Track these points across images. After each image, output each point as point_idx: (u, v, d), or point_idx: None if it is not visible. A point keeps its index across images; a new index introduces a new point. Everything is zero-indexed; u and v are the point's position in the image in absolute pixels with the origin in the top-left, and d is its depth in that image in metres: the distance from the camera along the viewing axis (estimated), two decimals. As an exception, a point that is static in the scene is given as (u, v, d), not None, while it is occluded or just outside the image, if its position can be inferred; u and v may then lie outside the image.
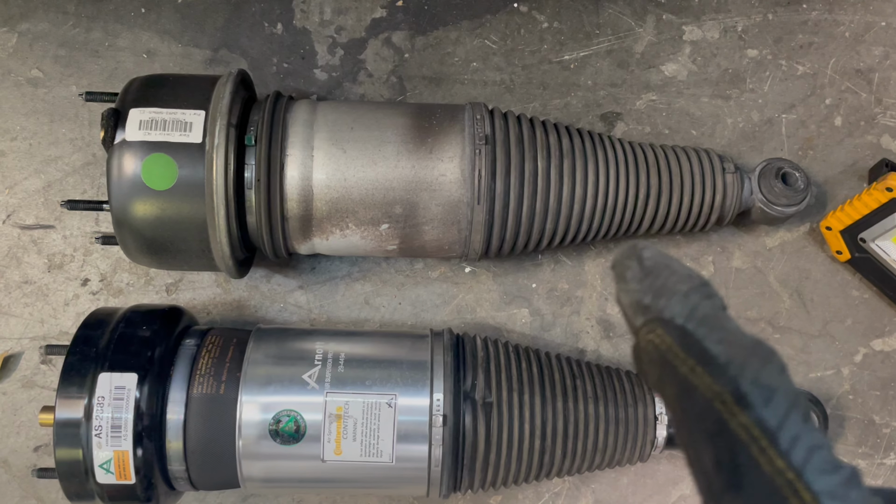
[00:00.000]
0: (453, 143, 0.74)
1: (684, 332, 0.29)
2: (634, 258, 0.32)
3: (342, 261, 0.88)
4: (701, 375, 0.28)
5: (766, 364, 0.27)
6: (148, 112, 0.69)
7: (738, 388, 0.27)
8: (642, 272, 0.32)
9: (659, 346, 0.30)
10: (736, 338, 0.28)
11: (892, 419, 0.87)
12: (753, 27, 0.93)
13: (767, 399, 0.26)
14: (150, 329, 0.70)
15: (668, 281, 0.31)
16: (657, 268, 0.31)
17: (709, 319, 0.29)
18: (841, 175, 0.90)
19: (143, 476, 0.66)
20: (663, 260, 0.32)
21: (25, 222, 0.87)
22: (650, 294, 0.31)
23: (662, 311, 0.30)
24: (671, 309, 0.30)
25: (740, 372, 0.27)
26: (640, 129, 0.91)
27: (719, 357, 0.28)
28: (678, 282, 0.30)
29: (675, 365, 0.29)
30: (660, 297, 0.30)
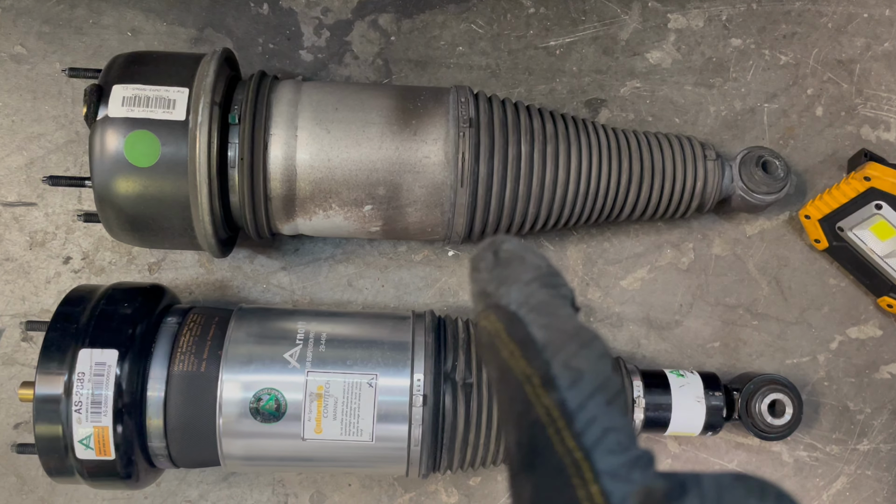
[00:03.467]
0: (438, 125, 0.74)
1: (513, 318, 0.29)
2: (491, 250, 0.33)
3: (326, 242, 0.88)
4: (517, 358, 0.28)
5: (582, 348, 0.27)
6: (131, 89, 0.69)
7: (547, 370, 0.27)
8: (495, 262, 0.32)
9: (489, 331, 0.30)
10: (561, 323, 0.28)
11: (865, 406, 0.88)
12: (738, 16, 0.94)
13: (574, 381, 0.26)
14: (132, 306, 0.70)
15: (514, 271, 0.31)
16: (510, 259, 0.32)
17: (541, 306, 0.29)
18: (821, 164, 0.91)
19: (123, 452, 0.67)
20: (520, 252, 0.32)
21: (7, 199, 0.87)
22: (495, 282, 0.31)
23: (500, 299, 0.30)
24: (508, 296, 0.30)
25: (553, 355, 0.27)
26: (624, 116, 0.91)
27: (538, 341, 0.28)
28: (523, 271, 0.31)
29: (499, 348, 0.29)
30: (502, 285, 0.31)
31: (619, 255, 0.89)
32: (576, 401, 0.26)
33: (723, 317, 0.89)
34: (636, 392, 0.78)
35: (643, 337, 0.88)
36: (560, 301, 0.30)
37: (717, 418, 0.79)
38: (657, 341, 0.88)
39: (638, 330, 0.88)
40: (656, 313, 0.89)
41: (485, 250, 0.33)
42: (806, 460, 0.87)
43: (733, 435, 0.87)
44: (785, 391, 0.80)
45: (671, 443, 0.87)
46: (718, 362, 0.88)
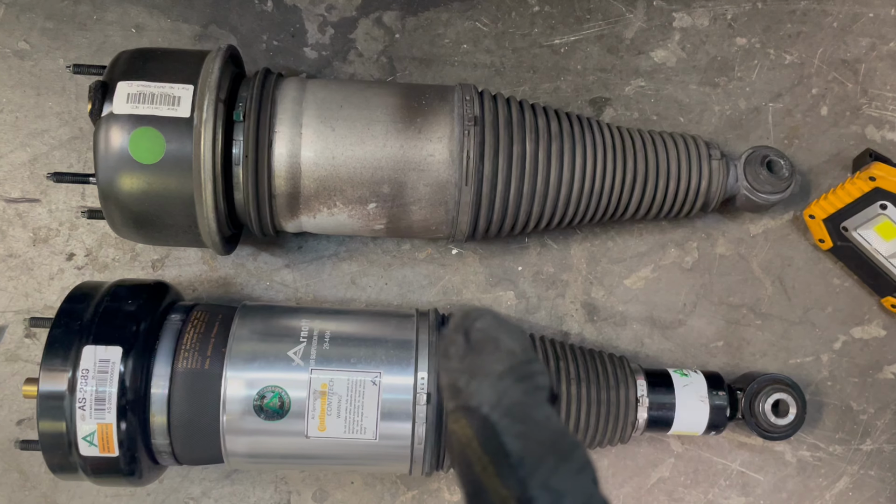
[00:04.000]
0: (442, 123, 0.74)
1: (486, 425, 0.26)
2: (462, 331, 0.29)
3: (329, 240, 0.88)
4: (491, 476, 0.25)
5: (562, 462, 0.24)
6: (136, 85, 0.69)
7: (525, 492, 0.24)
8: (466, 348, 0.29)
9: (460, 439, 0.27)
10: (538, 431, 0.25)
11: (869, 406, 0.88)
12: (743, 15, 0.93)
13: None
14: (136, 303, 0.70)
15: (486, 360, 0.28)
16: (482, 343, 0.28)
17: (515, 409, 0.26)
18: (825, 164, 0.91)
19: (127, 449, 0.67)
20: (494, 332, 0.29)
21: (11, 195, 0.87)
22: (466, 375, 0.28)
23: (471, 398, 0.27)
24: (480, 395, 0.27)
25: (531, 473, 0.24)
26: (629, 115, 0.91)
27: (513, 455, 0.25)
28: (497, 361, 0.28)
29: (471, 461, 0.26)
30: (473, 379, 0.28)
31: (622, 253, 0.89)
32: None
33: (726, 316, 0.89)
34: (640, 391, 0.78)
35: (647, 336, 0.88)
36: (536, 397, 0.27)
37: (720, 418, 0.79)
38: (661, 340, 0.88)
39: (641, 329, 0.88)
40: (660, 312, 0.89)
41: (455, 331, 0.30)
42: (809, 460, 0.87)
43: (736, 434, 0.87)
44: (788, 391, 0.80)
45: (674, 442, 0.87)
46: (722, 362, 0.88)
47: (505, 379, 0.27)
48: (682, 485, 0.86)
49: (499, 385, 0.27)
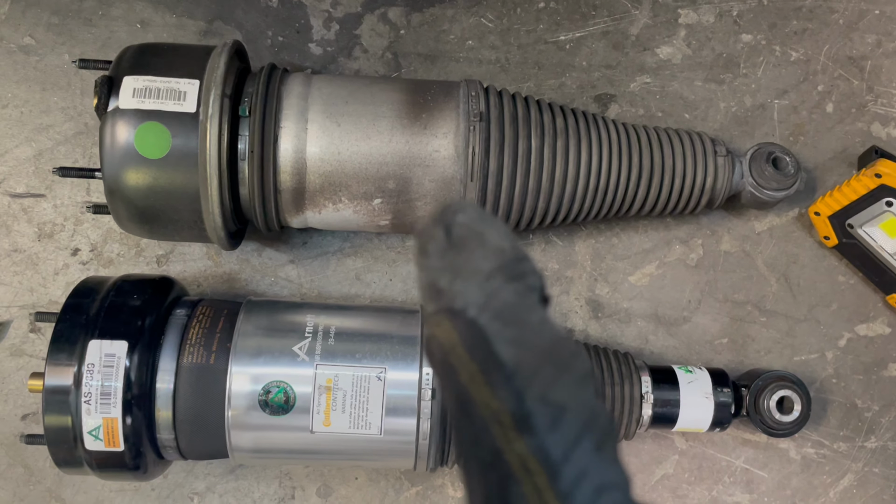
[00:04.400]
0: (448, 119, 0.74)
1: (473, 329, 0.23)
2: (442, 225, 0.25)
3: (334, 236, 0.88)
4: (480, 387, 0.22)
5: (562, 372, 0.21)
6: (142, 80, 0.69)
7: (521, 405, 0.21)
8: (447, 244, 0.25)
9: (443, 344, 0.23)
10: (533, 336, 0.22)
11: (873, 403, 0.88)
12: (748, 12, 0.93)
13: (555, 421, 0.20)
14: (141, 298, 0.70)
15: (471, 257, 0.24)
16: (466, 238, 0.24)
17: (506, 311, 0.23)
18: (831, 161, 0.91)
19: (132, 444, 0.67)
20: (478, 226, 0.25)
21: (16, 191, 0.87)
22: (448, 274, 0.24)
23: (455, 299, 0.23)
24: (466, 295, 0.23)
25: (527, 384, 0.21)
26: (634, 112, 0.91)
27: (506, 363, 0.22)
28: (483, 258, 0.24)
29: (456, 369, 0.22)
30: (457, 278, 0.24)
31: (627, 250, 0.89)
32: (559, 448, 0.20)
33: (731, 313, 0.89)
34: (644, 388, 0.78)
35: (651, 333, 0.88)
36: (530, 299, 0.23)
37: (725, 415, 0.79)
38: (665, 337, 0.88)
39: (646, 326, 0.88)
40: (665, 309, 0.88)
41: (434, 225, 0.25)
42: (813, 457, 0.87)
43: (741, 431, 0.87)
44: (793, 388, 0.80)
45: (678, 439, 0.87)
46: (727, 359, 0.88)
47: (494, 278, 0.23)
48: (686, 482, 0.86)
49: (487, 285, 0.23)
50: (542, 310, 0.24)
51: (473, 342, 0.22)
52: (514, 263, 0.24)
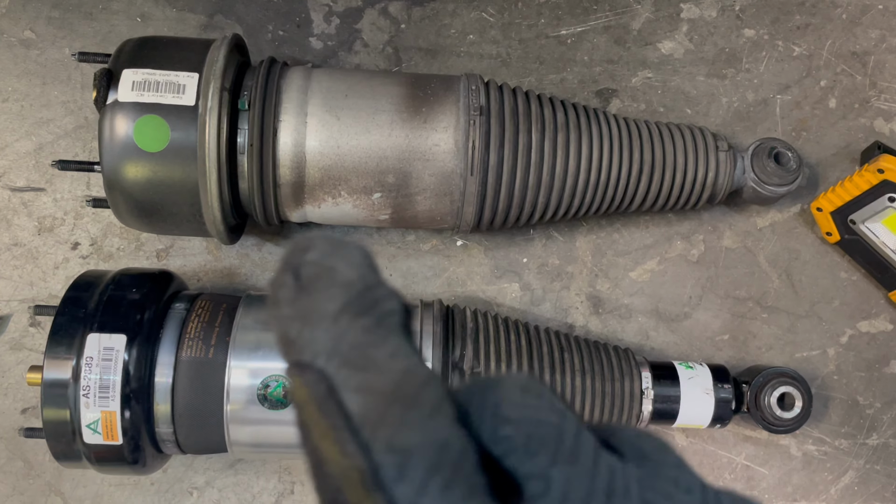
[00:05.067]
0: (448, 113, 0.74)
1: (322, 380, 0.21)
2: (291, 269, 0.23)
3: (334, 230, 0.88)
4: (330, 444, 0.20)
5: (409, 410, 0.19)
6: (141, 73, 0.69)
7: (369, 459, 0.19)
8: (297, 288, 0.22)
9: (297, 402, 0.21)
10: (380, 377, 0.20)
11: (875, 400, 0.88)
12: (751, 6, 0.93)
13: (401, 469, 0.19)
14: (140, 292, 0.70)
15: (320, 298, 0.22)
16: (315, 278, 0.22)
17: (354, 354, 0.21)
18: (833, 157, 0.91)
19: (131, 437, 0.67)
20: (328, 261, 0.23)
21: (16, 184, 0.87)
22: (298, 322, 0.22)
23: (303, 350, 0.21)
24: (314, 344, 0.21)
25: (373, 434, 0.19)
26: (636, 107, 0.91)
27: (354, 415, 0.20)
28: (330, 298, 0.22)
29: (309, 428, 0.21)
30: (305, 326, 0.22)
31: (628, 246, 0.89)
32: (405, 498, 0.19)
33: (732, 309, 0.88)
34: (645, 384, 0.78)
35: (652, 329, 0.88)
36: (381, 332, 0.21)
37: (725, 411, 0.79)
38: (666, 333, 0.88)
39: (647, 322, 0.88)
40: (665, 305, 0.88)
41: (283, 270, 0.23)
42: (814, 454, 0.87)
43: (742, 428, 0.87)
44: (794, 384, 0.80)
45: (679, 435, 0.87)
46: (728, 355, 0.88)
47: (341, 318, 0.21)
48: (687, 478, 0.86)
49: (334, 329, 0.21)
50: (396, 338, 0.21)
51: (322, 396, 0.20)
52: (362, 295, 0.22)
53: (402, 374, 0.20)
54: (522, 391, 0.21)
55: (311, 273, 0.22)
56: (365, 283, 0.22)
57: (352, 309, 0.22)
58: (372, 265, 0.23)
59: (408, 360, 0.21)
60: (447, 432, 0.19)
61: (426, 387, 0.20)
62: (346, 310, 0.22)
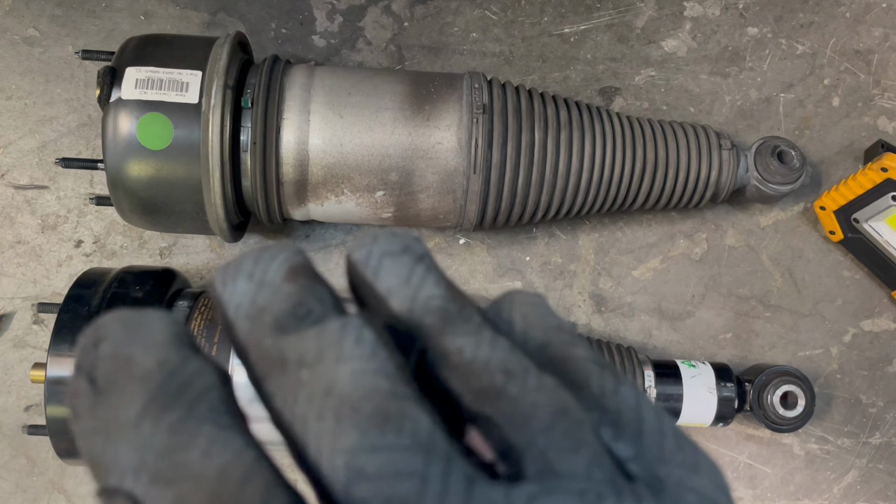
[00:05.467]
0: (451, 111, 0.74)
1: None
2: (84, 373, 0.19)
3: (337, 228, 0.88)
4: None
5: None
6: (144, 71, 0.69)
7: None
8: (93, 393, 0.19)
9: None
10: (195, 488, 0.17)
11: (878, 399, 0.87)
12: (755, 5, 0.93)
13: None
14: (143, 289, 0.70)
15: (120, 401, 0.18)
16: (112, 376, 0.19)
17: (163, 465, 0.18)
18: (837, 155, 0.90)
19: (134, 435, 0.67)
20: (124, 350, 0.19)
21: (19, 182, 0.87)
22: (99, 437, 0.18)
23: (109, 473, 0.18)
24: (120, 461, 0.18)
25: None
26: (639, 105, 0.91)
27: None
28: (130, 400, 0.18)
29: None
30: (108, 440, 0.18)
31: (631, 244, 0.89)
32: None
33: (735, 308, 0.88)
34: (647, 382, 0.78)
35: (655, 327, 0.88)
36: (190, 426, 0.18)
37: (728, 409, 0.79)
38: (669, 332, 0.88)
39: (650, 320, 0.88)
40: (668, 304, 0.88)
41: (77, 374, 0.19)
42: (817, 453, 0.87)
43: (744, 426, 0.87)
44: (797, 383, 0.80)
45: (681, 434, 0.86)
46: (730, 354, 0.88)
47: (143, 422, 0.18)
48: (689, 476, 0.86)
49: (137, 437, 0.18)
50: (209, 426, 0.18)
51: None
52: (166, 384, 0.18)
53: (217, 477, 0.17)
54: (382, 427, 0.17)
55: (106, 371, 0.19)
56: (167, 368, 0.19)
57: (154, 406, 0.18)
58: (177, 336, 0.20)
59: (224, 454, 0.17)
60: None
61: (247, 484, 0.17)
62: (148, 409, 0.18)
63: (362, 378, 0.18)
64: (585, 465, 0.18)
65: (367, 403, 0.18)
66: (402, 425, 0.17)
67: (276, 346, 0.19)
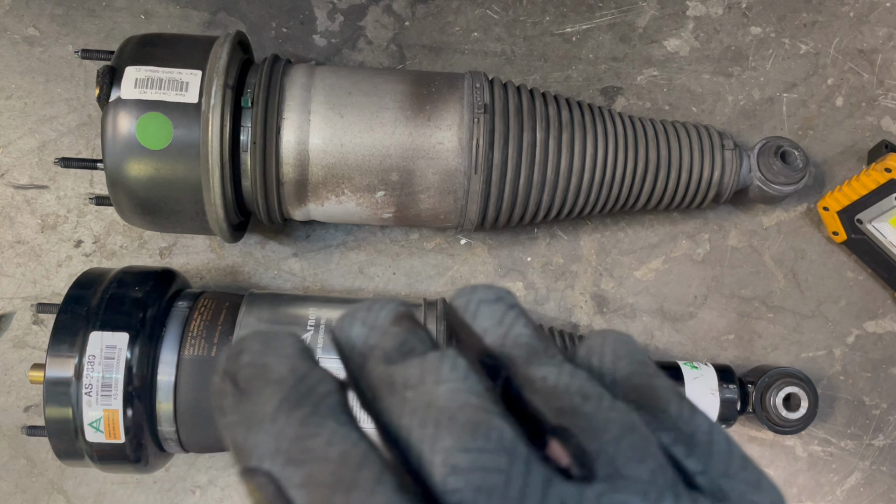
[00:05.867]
0: (452, 111, 0.73)
1: (270, 482, 0.22)
2: (228, 377, 0.24)
3: (337, 229, 0.87)
4: None
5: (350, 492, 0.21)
6: (144, 70, 0.68)
7: None
8: (236, 393, 0.23)
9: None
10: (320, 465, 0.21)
11: (881, 401, 0.87)
12: (758, 4, 0.92)
13: None
14: (143, 290, 0.70)
15: (258, 401, 0.23)
16: (252, 380, 0.23)
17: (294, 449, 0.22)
18: (840, 156, 0.90)
19: (133, 436, 0.66)
20: (261, 360, 0.24)
21: (19, 182, 0.86)
22: (243, 428, 0.23)
23: (250, 456, 0.22)
24: (259, 447, 0.22)
25: None
26: (641, 105, 0.90)
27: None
28: (267, 398, 0.23)
29: None
30: (249, 430, 0.23)
31: (633, 245, 0.89)
32: None
33: (738, 309, 0.88)
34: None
35: (657, 328, 0.87)
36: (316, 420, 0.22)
37: (730, 411, 0.78)
38: (671, 333, 0.87)
39: (652, 321, 0.87)
40: (670, 305, 0.88)
41: (223, 378, 0.24)
42: (820, 455, 0.86)
43: (747, 428, 0.86)
44: (800, 385, 0.79)
45: (683, 435, 0.86)
46: (733, 355, 0.87)
47: (279, 416, 0.22)
48: (692, 478, 0.86)
49: (273, 428, 0.22)
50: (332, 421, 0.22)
51: (272, 497, 0.22)
52: (296, 387, 0.23)
53: (339, 460, 0.21)
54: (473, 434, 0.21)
55: (247, 376, 0.23)
56: (297, 374, 0.23)
57: (287, 404, 0.22)
58: (304, 351, 0.24)
59: (344, 443, 0.21)
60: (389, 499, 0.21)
61: (363, 467, 0.21)
62: (282, 407, 0.22)
63: (457, 395, 0.22)
64: (649, 472, 0.21)
65: (461, 415, 0.21)
66: (489, 433, 0.21)
67: (385, 373, 0.24)
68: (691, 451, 0.23)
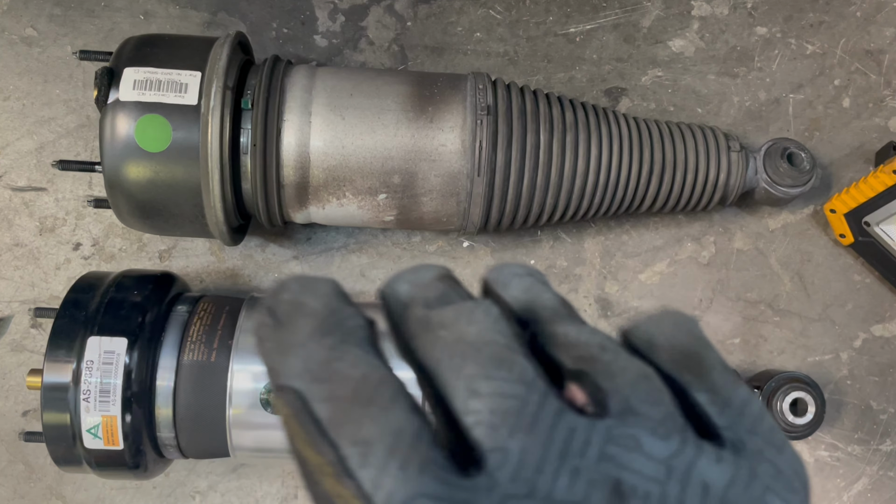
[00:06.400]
0: (454, 112, 0.72)
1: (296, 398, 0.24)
2: (266, 309, 0.27)
3: (338, 232, 0.86)
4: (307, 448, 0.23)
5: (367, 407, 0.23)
6: (143, 72, 0.67)
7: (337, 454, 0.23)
8: (274, 325, 0.26)
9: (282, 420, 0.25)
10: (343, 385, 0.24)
11: (889, 405, 0.86)
12: (763, 4, 0.91)
13: (365, 457, 0.22)
14: (142, 294, 0.69)
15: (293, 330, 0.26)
16: (289, 314, 0.26)
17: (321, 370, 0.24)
18: (847, 157, 0.89)
19: (132, 442, 0.66)
20: (298, 297, 0.26)
21: (17, 184, 0.86)
22: (277, 354, 0.26)
23: (282, 376, 0.25)
24: (289, 368, 0.25)
25: (339, 432, 0.23)
26: (645, 106, 0.89)
27: (322, 420, 0.23)
28: (301, 328, 0.26)
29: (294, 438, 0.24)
30: (283, 355, 0.25)
31: (637, 248, 0.88)
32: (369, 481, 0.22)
33: (744, 312, 0.87)
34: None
35: (661, 332, 0.86)
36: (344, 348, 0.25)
37: (737, 416, 0.77)
38: (676, 336, 0.86)
39: (656, 325, 0.86)
40: (676, 308, 0.87)
41: (262, 312, 0.27)
42: (827, 460, 0.85)
43: (753, 433, 0.85)
44: (807, 389, 0.78)
45: (689, 440, 0.85)
46: (739, 359, 0.86)
47: (310, 343, 0.25)
48: (697, 484, 0.85)
49: (303, 352, 0.25)
50: (357, 349, 0.25)
51: (298, 410, 0.24)
52: (327, 320, 0.26)
53: (360, 379, 0.23)
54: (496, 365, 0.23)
55: (285, 310, 0.26)
56: (329, 309, 0.26)
57: (317, 333, 0.25)
58: (338, 292, 0.27)
59: (366, 367, 0.24)
60: (402, 420, 0.22)
61: (381, 386, 0.23)
62: (313, 335, 0.25)
63: (485, 334, 0.24)
64: (661, 415, 0.23)
65: (487, 349, 0.23)
66: (512, 367, 0.23)
67: (423, 315, 0.26)
68: (723, 411, 0.24)
